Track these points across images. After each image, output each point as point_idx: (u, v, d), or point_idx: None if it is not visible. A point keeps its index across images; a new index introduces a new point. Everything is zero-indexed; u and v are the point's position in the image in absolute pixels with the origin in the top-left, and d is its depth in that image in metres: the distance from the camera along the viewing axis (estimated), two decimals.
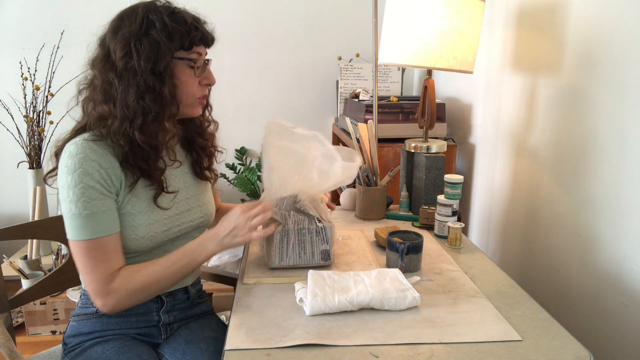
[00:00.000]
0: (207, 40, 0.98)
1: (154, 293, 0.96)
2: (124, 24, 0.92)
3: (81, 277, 0.94)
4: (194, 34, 0.93)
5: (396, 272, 0.99)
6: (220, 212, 1.26)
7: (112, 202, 0.93)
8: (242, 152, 2.60)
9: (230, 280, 1.34)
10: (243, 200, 2.54)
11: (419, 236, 1.10)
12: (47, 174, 0.98)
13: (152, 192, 0.98)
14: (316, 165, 0.98)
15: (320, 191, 1.07)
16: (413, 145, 1.47)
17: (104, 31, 0.96)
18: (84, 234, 0.89)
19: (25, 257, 2.10)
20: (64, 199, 0.90)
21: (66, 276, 1.26)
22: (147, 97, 0.91)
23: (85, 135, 0.93)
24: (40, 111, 2.17)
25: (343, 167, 0.99)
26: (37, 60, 2.24)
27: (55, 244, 2.28)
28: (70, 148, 0.90)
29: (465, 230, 1.92)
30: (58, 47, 2.25)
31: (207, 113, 1.11)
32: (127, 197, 0.95)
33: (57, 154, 0.95)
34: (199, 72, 0.98)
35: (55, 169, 0.96)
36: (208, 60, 1.01)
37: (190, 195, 1.07)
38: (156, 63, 0.90)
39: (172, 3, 0.97)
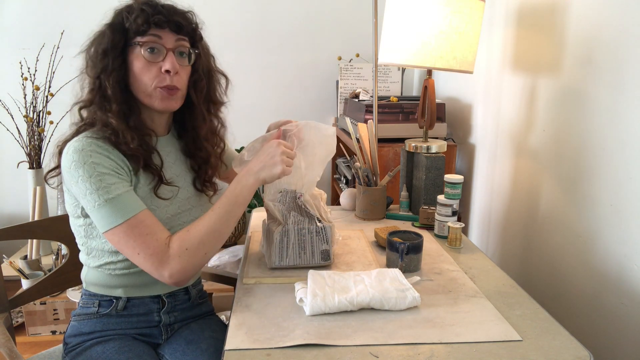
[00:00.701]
0: (160, 22, 0.93)
1: (214, 246, 0.93)
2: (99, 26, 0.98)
3: (136, 261, 0.90)
4: (140, 17, 0.92)
5: (396, 272, 0.99)
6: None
7: (129, 185, 0.93)
8: None
9: (230, 280, 1.34)
10: None
11: (419, 236, 1.10)
12: (48, 173, 0.98)
13: (152, 183, 0.98)
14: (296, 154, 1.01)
15: (315, 175, 1.06)
16: (413, 145, 1.47)
17: None
18: (118, 218, 0.88)
19: (25, 257, 2.10)
20: (83, 194, 0.89)
21: (66, 276, 1.26)
22: (111, 82, 0.93)
23: (87, 133, 0.94)
24: (40, 111, 2.17)
25: (315, 130, 1.03)
26: (37, 60, 2.24)
27: (55, 244, 2.27)
28: (74, 145, 0.90)
29: (465, 230, 1.92)
30: (58, 47, 2.25)
31: (216, 137, 1.11)
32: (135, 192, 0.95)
33: (60, 153, 0.95)
34: (153, 56, 0.94)
35: (56, 167, 0.97)
36: (196, 51, 1.00)
37: (190, 195, 1.07)
38: (107, 50, 0.93)
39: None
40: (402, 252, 1.04)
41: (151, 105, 0.98)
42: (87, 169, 0.88)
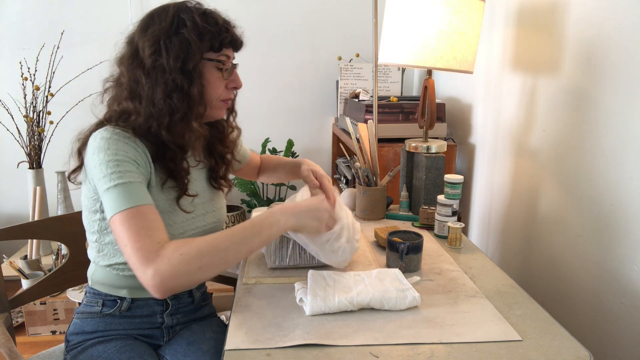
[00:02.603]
0: (237, 43, 0.97)
1: (212, 264, 0.81)
2: (153, 22, 0.91)
3: (125, 253, 0.81)
4: (224, 36, 0.92)
5: (396, 272, 0.99)
6: (267, 164, 1.32)
7: (144, 179, 0.89)
8: None
9: (230, 280, 1.34)
10: (243, 200, 2.54)
11: (419, 236, 1.10)
12: (71, 172, 0.96)
13: (175, 193, 0.97)
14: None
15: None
16: (413, 145, 1.47)
17: (132, 29, 0.94)
18: (121, 204, 0.82)
19: (25, 257, 2.10)
20: (97, 178, 0.85)
21: (66, 276, 1.26)
22: (174, 96, 0.89)
23: (112, 124, 0.91)
24: (40, 111, 2.17)
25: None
26: (37, 60, 2.23)
27: (55, 244, 2.27)
28: (101, 133, 0.88)
29: (465, 230, 1.92)
30: (58, 47, 2.24)
31: (231, 118, 1.10)
32: (152, 194, 0.92)
33: (81, 150, 0.93)
34: (227, 74, 0.97)
35: (79, 167, 0.95)
36: (236, 64, 1.00)
37: (206, 200, 1.06)
38: (185, 62, 0.89)
39: (203, 4, 0.96)
40: (402, 252, 1.04)
41: (211, 116, 1.00)
42: (109, 153, 0.86)
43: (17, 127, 2.21)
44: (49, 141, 2.22)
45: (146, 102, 0.89)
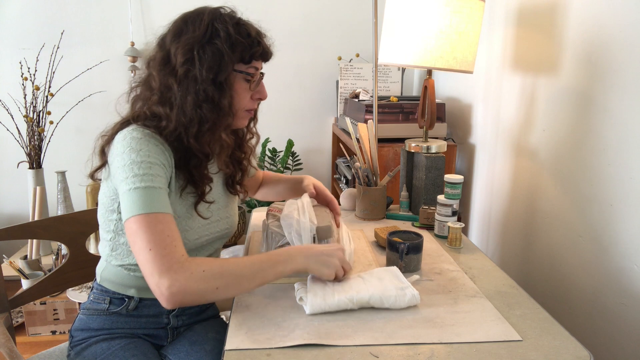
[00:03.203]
0: (267, 55, 0.97)
1: (228, 286, 0.83)
2: (187, 29, 0.90)
3: (143, 256, 0.80)
4: (255, 49, 0.93)
5: (395, 271, 0.99)
6: (268, 179, 1.34)
7: (167, 185, 0.89)
8: None
9: None
10: (243, 200, 2.54)
11: (419, 236, 1.10)
12: (95, 170, 0.95)
13: (193, 199, 0.97)
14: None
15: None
16: (413, 145, 1.47)
17: (164, 31, 0.94)
18: (146, 206, 0.82)
19: (25, 257, 2.10)
20: (125, 177, 0.84)
21: (66, 276, 1.26)
22: (205, 106, 0.89)
23: (141, 124, 0.91)
24: (40, 111, 2.18)
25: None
26: (37, 60, 2.24)
27: (55, 244, 2.28)
28: (131, 133, 0.88)
29: (465, 230, 1.93)
30: (58, 47, 2.25)
31: (251, 124, 1.10)
32: (170, 199, 0.91)
33: (104, 149, 0.92)
34: (254, 86, 0.97)
35: (103, 165, 0.94)
36: (262, 74, 1.00)
37: (221, 206, 1.06)
38: (218, 73, 0.89)
39: (237, 13, 0.95)
40: (402, 252, 1.04)
41: (235, 125, 1.00)
42: (141, 154, 0.85)
43: (17, 127, 2.21)
44: (49, 141, 2.22)
45: (177, 110, 0.89)
